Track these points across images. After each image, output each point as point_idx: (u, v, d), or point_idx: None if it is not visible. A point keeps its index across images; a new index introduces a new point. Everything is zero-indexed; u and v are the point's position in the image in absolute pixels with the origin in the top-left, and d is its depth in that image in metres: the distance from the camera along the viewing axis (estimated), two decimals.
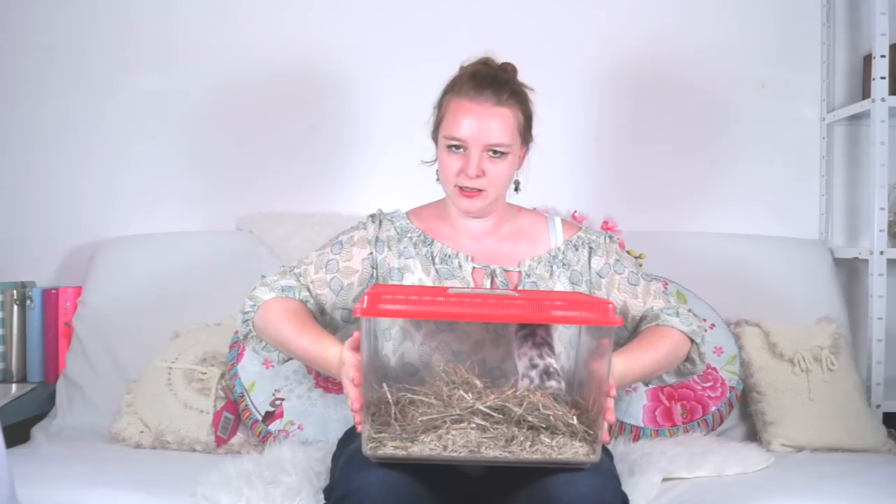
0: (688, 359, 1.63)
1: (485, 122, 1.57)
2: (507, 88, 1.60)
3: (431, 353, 1.44)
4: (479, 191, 1.59)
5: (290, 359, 1.64)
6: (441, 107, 1.64)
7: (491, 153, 1.58)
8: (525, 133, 1.65)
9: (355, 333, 1.39)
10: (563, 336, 1.46)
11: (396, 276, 1.64)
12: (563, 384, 1.34)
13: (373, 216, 1.71)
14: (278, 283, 1.63)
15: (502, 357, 1.43)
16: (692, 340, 1.62)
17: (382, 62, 2.43)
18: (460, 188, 1.59)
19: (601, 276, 1.67)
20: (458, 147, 1.58)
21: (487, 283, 1.62)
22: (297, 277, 1.65)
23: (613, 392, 1.34)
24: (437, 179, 1.70)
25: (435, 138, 1.67)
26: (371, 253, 1.66)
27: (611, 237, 1.73)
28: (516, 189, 1.70)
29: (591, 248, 1.68)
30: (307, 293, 1.63)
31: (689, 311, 1.67)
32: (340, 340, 1.48)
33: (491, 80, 1.60)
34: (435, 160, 1.69)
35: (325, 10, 2.44)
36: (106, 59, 2.43)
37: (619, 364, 1.46)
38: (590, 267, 1.67)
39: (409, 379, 1.42)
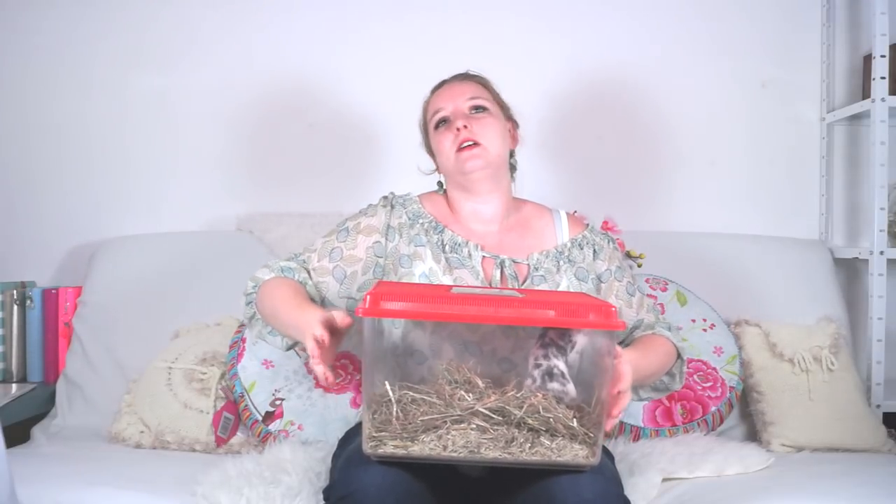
0: (668, 373, 1.68)
1: (457, 88, 1.70)
2: (466, 73, 1.75)
3: (442, 343, 1.43)
4: (475, 144, 1.63)
5: (294, 344, 1.65)
6: (423, 115, 1.76)
7: (472, 110, 1.66)
8: (503, 105, 1.74)
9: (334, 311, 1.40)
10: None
11: (406, 263, 1.64)
12: (567, 387, 1.33)
13: (385, 198, 1.73)
14: (278, 265, 1.67)
15: (512, 348, 1.42)
16: (679, 356, 1.67)
17: (382, 62, 2.44)
18: (458, 150, 1.64)
19: (601, 281, 1.70)
20: (443, 121, 1.67)
21: (497, 274, 1.63)
22: (300, 263, 1.68)
23: (624, 381, 1.36)
24: (440, 191, 1.75)
25: (430, 151, 1.75)
26: (378, 241, 1.66)
27: (613, 241, 1.76)
28: (513, 169, 1.75)
29: (594, 249, 1.70)
30: (306, 275, 1.66)
31: (673, 327, 1.74)
32: None
33: (453, 76, 1.75)
34: (434, 170, 1.76)
35: (325, 12, 2.45)
36: (106, 59, 2.43)
37: (633, 355, 1.48)
38: (594, 268, 1.69)
39: (417, 368, 1.42)
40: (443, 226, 1.68)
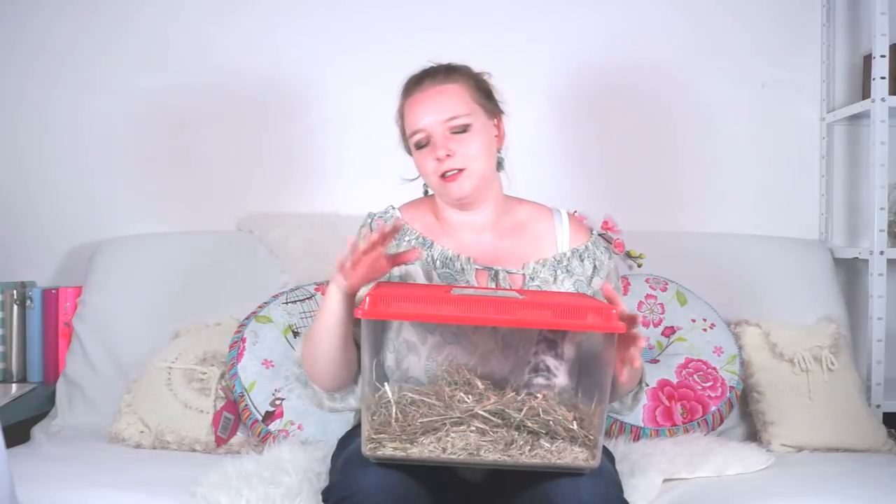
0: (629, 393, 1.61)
1: (433, 101, 1.57)
2: (441, 71, 1.62)
3: (438, 369, 1.40)
4: (459, 170, 1.55)
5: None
6: (399, 118, 1.65)
7: (452, 131, 1.56)
8: (486, 102, 1.62)
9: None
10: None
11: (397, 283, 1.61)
12: (551, 381, 1.33)
13: (364, 226, 1.67)
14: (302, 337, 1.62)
15: (511, 368, 1.40)
16: (640, 380, 1.60)
17: (382, 62, 2.42)
18: (441, 177, 1.56)
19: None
20: (423, 143, 1.58)
21: (492, 286, 1.58)
22: None
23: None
24: (425, 192, 1.69)
25: (410, 152, 1.66)
26: None
27: (613, 256, 1.70)
28: (499, 167, 1.65)
29: (595, 265, 1.63)
30: None
31: None
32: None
33: (426, 72, 1.63)
34: (418, 176, 1.67)
35: (325, 12, 2.44)
36: (106, 59, 2.43)
37: None
38: (591, 283, 1.63)
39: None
40: (431, 241, 1.62)
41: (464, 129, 1.56)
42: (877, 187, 2.20)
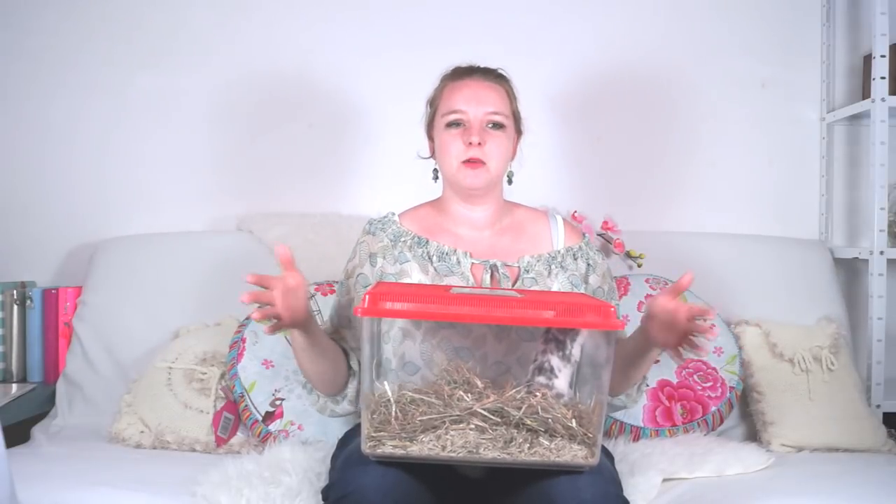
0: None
1: (482, 92, 1.65)
2: (493, 71, 1.70)
3: (433, 351, 1.43)
4: (482, 163, 1.61)
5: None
6: (435, 98, 1.70)
7: (490, 126, 1.63)
8: (516, 118, 1.70)
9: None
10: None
11: (394, 280, 1.63)
12: (552, 382, 1.33)
13: (363, 231, 1.70)
14: None
15: (504, 352, 1.43)
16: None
17: (381, 62, 2.44)
18: (464, 162, 1.61)
19: (594, 296, 1.67)
20: (457, 124, 1.63)
21: (487, 278, 1.62)
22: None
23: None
24: (434, 178, 1.72)
25: (430, 135, 1.71)
26: (361, 274, 1.65)
27: (605, 258, 1.74)
28: (509, 181, 1.71)
29: (588, 263, 1.68)
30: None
31: None
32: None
33: (479, 67, 1.71)
34: (430, 156, 1.72)
35: (324, 12, 2.45)
36: (107, 59, 2.43)
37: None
38: (587, 280, 1.67)
39: (411, 379, 1.42)
40: (426, 239, 1.65)
41: (499, 126, 1.63)
42: (877, 187, 2.21)
